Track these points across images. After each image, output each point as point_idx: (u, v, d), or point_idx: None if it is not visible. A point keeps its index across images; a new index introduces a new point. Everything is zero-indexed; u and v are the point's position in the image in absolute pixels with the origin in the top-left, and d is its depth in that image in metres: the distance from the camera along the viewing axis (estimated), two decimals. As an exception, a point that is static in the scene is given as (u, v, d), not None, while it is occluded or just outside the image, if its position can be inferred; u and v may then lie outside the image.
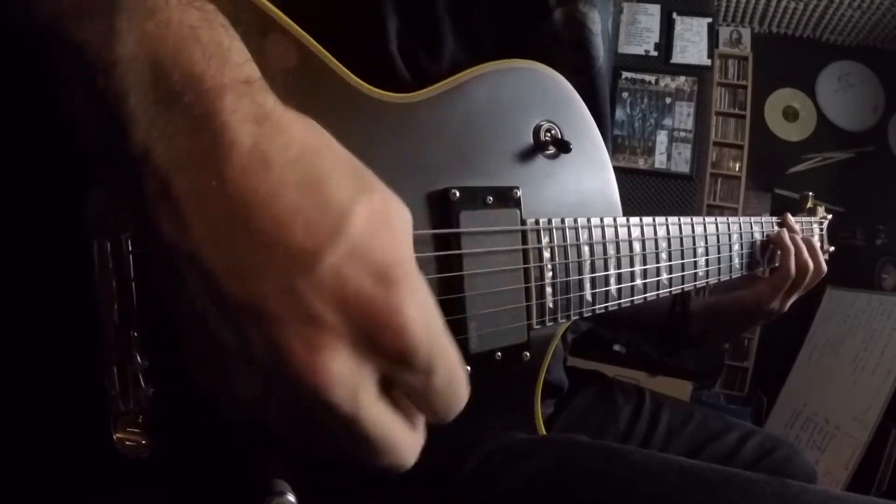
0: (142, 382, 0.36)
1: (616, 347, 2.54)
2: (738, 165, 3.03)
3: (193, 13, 0.27)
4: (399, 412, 0.27)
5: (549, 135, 0.53)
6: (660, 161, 3.00)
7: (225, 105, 0.25)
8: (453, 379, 0.28)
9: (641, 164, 3.01)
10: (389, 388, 0.27)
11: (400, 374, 0.26)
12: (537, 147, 0.53)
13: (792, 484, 0.45)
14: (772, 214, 0.87)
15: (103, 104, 0.25)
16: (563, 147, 0.53)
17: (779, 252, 0.79)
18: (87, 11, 0.25)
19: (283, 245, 0.23)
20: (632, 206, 2.96)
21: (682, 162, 2.99)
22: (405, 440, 0.27)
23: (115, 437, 0.35)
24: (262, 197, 0.24)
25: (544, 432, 0.57)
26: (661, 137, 3.01)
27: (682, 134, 3.01)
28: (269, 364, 0.24)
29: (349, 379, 0.24)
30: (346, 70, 0.43)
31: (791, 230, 0.81)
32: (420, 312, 0.25)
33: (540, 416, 0.56)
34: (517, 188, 0.51)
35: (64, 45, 0.25)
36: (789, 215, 0.85)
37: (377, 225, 0.25)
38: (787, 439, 0.85)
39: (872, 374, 2.23)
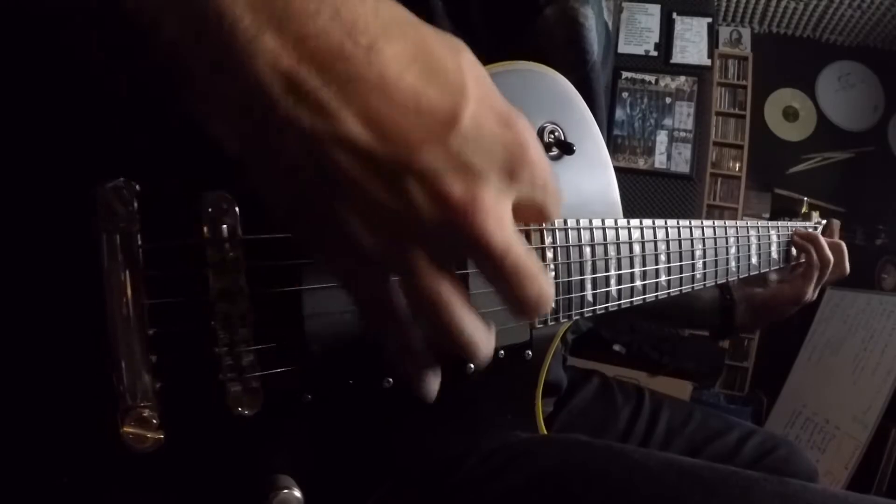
0: (149, 377, 0.36)
1: (616, 347, 2.54)
2: (738, 165, 3.04)
3: None
4: None
5: (552, 136, 0.53)
6: (660, 161, 3.00)
7: None
8: (550, 184, 0.33)
9: (641, 164, 3.01)
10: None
11: (529, 194, 0.31)
12: (540, 148, 0.53)
13: (792, 482, 0.45)
14: (771, 215, 0.88)
15: (206, 19, 0.25)
16: (566, 149, 0.54)
17: (802, 252, 0.89)
18: None
19: (426, 110, 0.27)
20: (632, 206, 2.95)
21: (682, 162, 2.99)
22: (542, 274, 0.31)
23: (122, 430, 0.35)
24: (395, 73, 0.26)
25: (545, 431, 0.57)
26: (661, 137, 3.01)
27: (682, 134, 3.01)
28: (432, 212, 0.27)
29: (499, 208, 0.28)
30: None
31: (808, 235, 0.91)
32: (535, 143, 0.30)
33: (541, 415, 0.56)
34: (519, 189, 0.52)
35: None
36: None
37: (481, 81, 0.29)
38: (787, 438, 0.85)
39: (872, 374, 2.23)
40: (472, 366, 0.49)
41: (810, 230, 0.92)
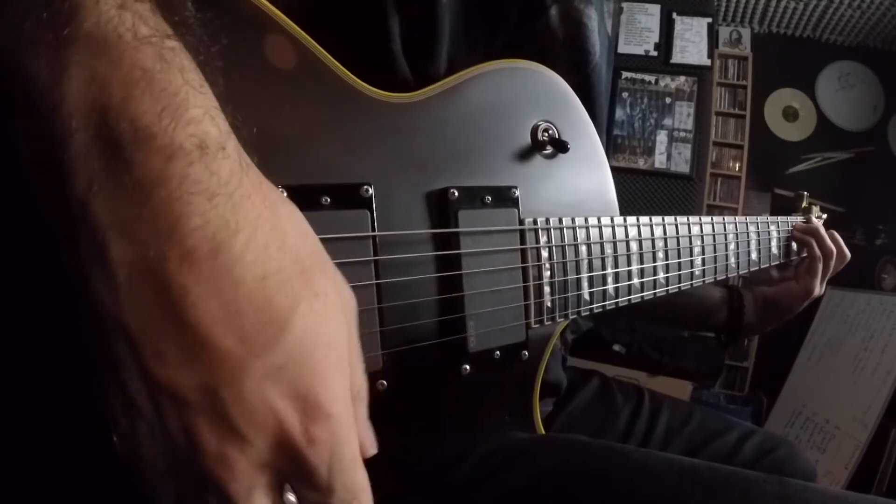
0: None
1: (616, 347, 2.54)
2: (738, 165, 3.03)
3: (149, 52, 0.24)
4: None
5: (546, 134, 0.53)
6: (660, 161, 3.00)
7: (174, 172, 0.23)
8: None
9: (641, 164, 3.01)
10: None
11: (298, 486, 0.26)
12: (535, 147, 0.53)
13: (792, 482, 0.45)
14: (771, 215, 0.88)
15: (45, 145, 0.23)
16: (560, 147, 0.54)
17: (804, 246, 0.87)
18: (41, 39, 0.23)
19: (211, 347, 0.23)
20: (632, 206, 2.96)
21: (682, 162, 2.99)
22: None
23: (114, 439, 0.35)
24: (200, 291, 0.23)
25: (543, 431, 0.57)
26: (661, 137, 3.01)
27: (682, 134, 3.01)
28: (178, 440, 0.24)
29: (249, 478, 0.25)
30: (345, 70, 0.43)
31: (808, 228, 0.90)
32: (327, 439, 0.25)
33: (538, 415, 0.56)
34: (515, 188, 0.51)
35: (13, 74, 0.23)
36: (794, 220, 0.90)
37: (313, 339, 0.25)
38: (786, 438, 0.85)
39: (872, 374, 2.23)
40: (466, 367, 0.48)
41: (811, 223, 0.92)
